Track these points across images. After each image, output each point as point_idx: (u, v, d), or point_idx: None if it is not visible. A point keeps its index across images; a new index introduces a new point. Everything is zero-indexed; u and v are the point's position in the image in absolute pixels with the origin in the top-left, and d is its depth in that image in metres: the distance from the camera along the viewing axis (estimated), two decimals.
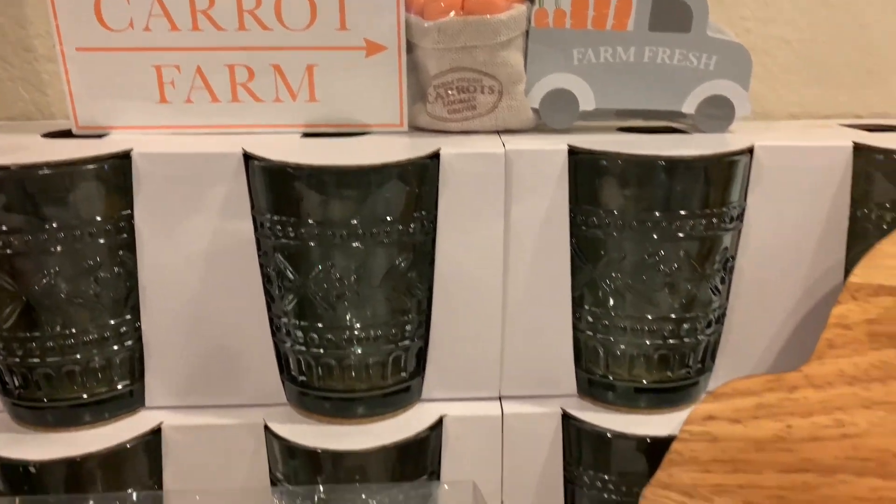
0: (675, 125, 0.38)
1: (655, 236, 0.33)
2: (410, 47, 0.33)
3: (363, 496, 0.33)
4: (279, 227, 0.32)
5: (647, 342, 0.36)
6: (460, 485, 0.32)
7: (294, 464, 0.36)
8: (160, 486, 0.35)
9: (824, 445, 0.31)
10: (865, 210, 0.35)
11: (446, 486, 0.32)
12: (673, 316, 0.35)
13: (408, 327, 0.35)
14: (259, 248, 0.33)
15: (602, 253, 0.34)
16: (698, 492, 0.31)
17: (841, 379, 0.31)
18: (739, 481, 0.31)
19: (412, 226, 0.33)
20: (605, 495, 0.37)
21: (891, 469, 0.30)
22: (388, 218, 0.32)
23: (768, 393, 0.32)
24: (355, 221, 0.32)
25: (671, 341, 0.36)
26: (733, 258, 0.36)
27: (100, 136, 0.34)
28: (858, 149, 0.34)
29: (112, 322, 0.33)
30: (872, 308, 0.31)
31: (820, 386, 0.31)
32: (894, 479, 0.30)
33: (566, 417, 0.37)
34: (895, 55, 0.45)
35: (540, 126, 0.36)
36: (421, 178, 0.32)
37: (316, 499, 0.34)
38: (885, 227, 0.35)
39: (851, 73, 0.45)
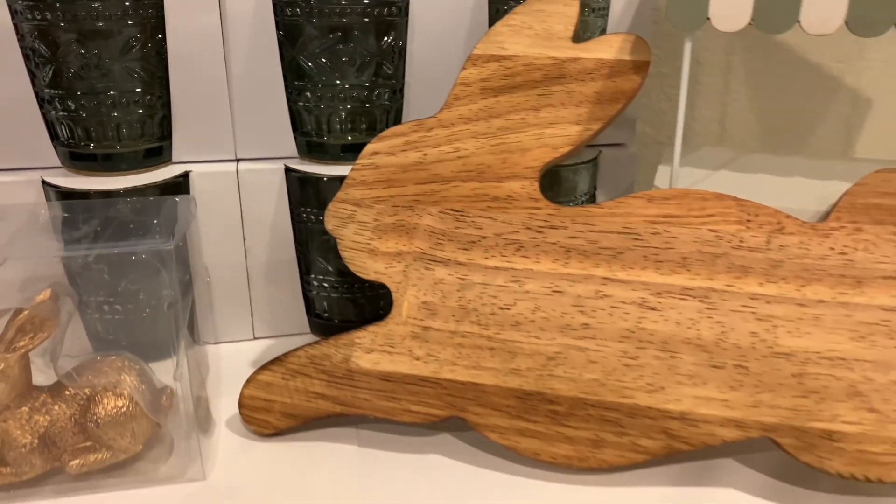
0: None
1: (345, 21, 0.45)
2: None
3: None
4: (27, 11, 0.42)
5: (348, 106, 0.48)
6: (186, 199, 0.43)
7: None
8: None
9: (446, 164, 0.43)
10: (500, 6, 0.47)
11: (177, 199, 0.43)
12: (364, 86, 0.47)
13: (148, 97, 0.46)
14: (17, 32, 0.43)
15: (300, 37, 0.46)
16: (364, 202, 0.43)
17: (460, 120, 0.43)
18: (391, 193, 0.43)
19: (147, 12, 0.44)
20: (319, 226, 0.49)
21: (486, 176, 0.42)
22: (127, 2, 0.43)
23: (413, 133, 0.44)
24: (97, 4, 0.42)
25: (366, 106, 0.48)
26: (404, 42, 0.48)
27: None
28: None
29: None
30: (485, 71, 0.43)
31: (446, 126, 0.43)
32: (486, 182, 0.42)
33: (288, 170, 0.49)
34: None
35: None
36: None
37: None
38: None
39: None
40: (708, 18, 0.38)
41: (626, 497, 0.38)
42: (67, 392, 0.37)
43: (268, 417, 0.43)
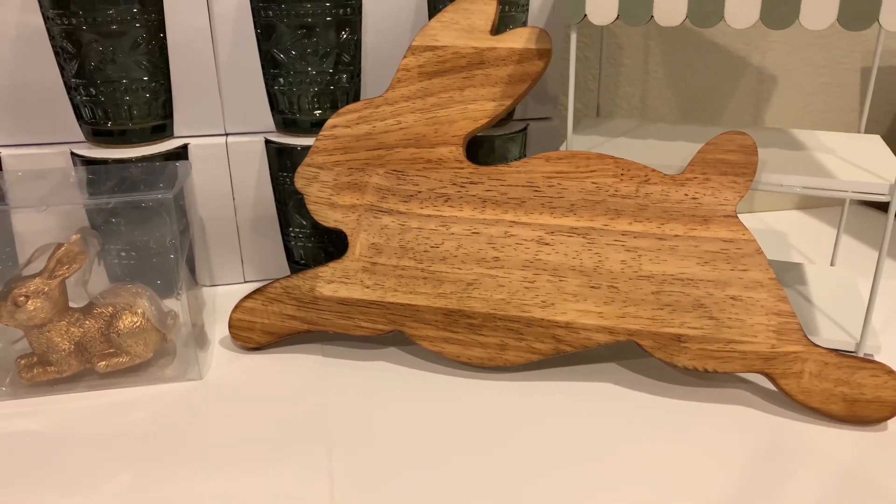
0: None
1: (310, 20, 0.56)
2: None
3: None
4: (57, 18, 0.53)
5: (314, 89, 0.59)
6: (184, 163, 0.55)
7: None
8: None
9: (390, 134, 0.54)
10: (437, 4, 0.58)
11: (177, 164, 0.54)
12: (327, 72, 0.58)
13: (153, 84, 0.57)
14: (49, 34, 0.54)
15: (273, 34, 0.57)
16: (325, 166, 0.54)
17: (402, 98, 0.54)
18: (347, 158, 0.54)
19: (150, 16, 0.55)
20: (290, 187, 0.60)
21: (421, 143, 0.53)
22: (135, 10, 0.54)
23: (364, 110, 0.54)
24: (112, 12, 0.53)
25: (330, 88, 0.59)
26: (359, 36, 0.58)
27: None
28: None
29: None
30: (422, 58, 0.54)
31: (391, 103, 0.54)
32: (422, 148, 0.53)
33: (268, 142, 0.60)
34: None
35: None
36: None
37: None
38: None
39: None
40: (585, 15, 0.48)
41: (523, 388, 0.49)
42: (96, 310, 0.49)
43: (251, 335, 0.54)
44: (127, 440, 0.44)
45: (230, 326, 0.54)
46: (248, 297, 0.54)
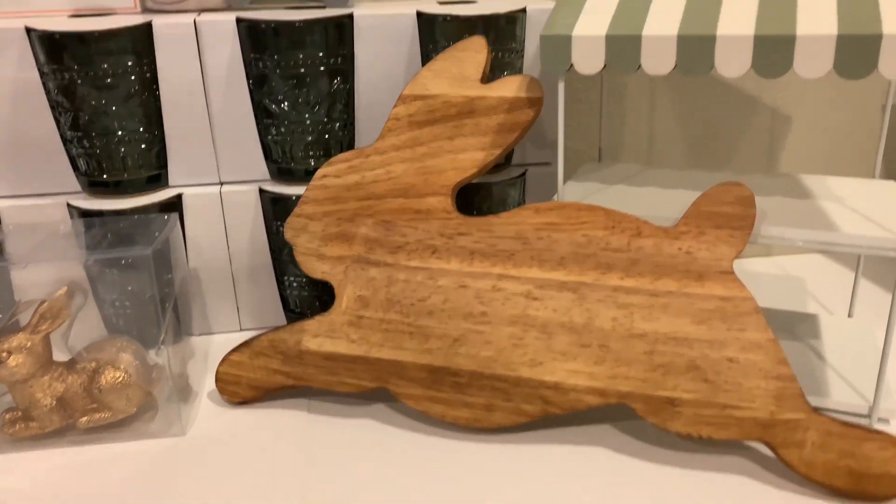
0: (310, 5, 0.59)
1: (303, 71, 0.56)
2: None
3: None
4: (52, 73, 0.54)
5: (308, 139, 0.58)
6: (173, 216, 0.54)
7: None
8: None
9: (380, 184, 0.53)
10: (430, 51, 0.57)
11: (166, 217, 0.54)
12: (321, 122, 0.58)
13: (147, 135, 0.57)
14: (45, 88, 0.55)
15: (265, 85, 0.56)
16: (315, 216, 0.54)
17: (392, 148, 0.53)
18: (336, 207, 0.53)
19: (143, 69, 0.55)
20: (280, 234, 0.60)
21: (410, 193, 0.52)
22: (129, 63, 0.54)
23: (355, 159, 0.53)
24: (106, 66, 0.54)
25: (325, 137, 0.59)
26: (351, 85, 0.58)
27: None
28: (420, 15, 0.56)
29: None
30: (412, 107, 0.53)
31: (381, 153, 0.53)
32: (411, 198, 0.52)
33: (262, 191, 0.60)
34: None
35: (228, 6, 0.58)
36: (141, 42, 0.54)
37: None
38: None
39: None
40: (572, 65, 0.46)
41: (511, 452, 0.47)
42: (79, 365, 0.49)
43: (237, 389, 0.53)
44: (105, 501, 0.44)
45: (217, 380, 0.53)
46: (235, 349, 0.53)
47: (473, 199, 0.60)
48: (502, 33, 0.57)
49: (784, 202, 0.51)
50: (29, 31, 0.53)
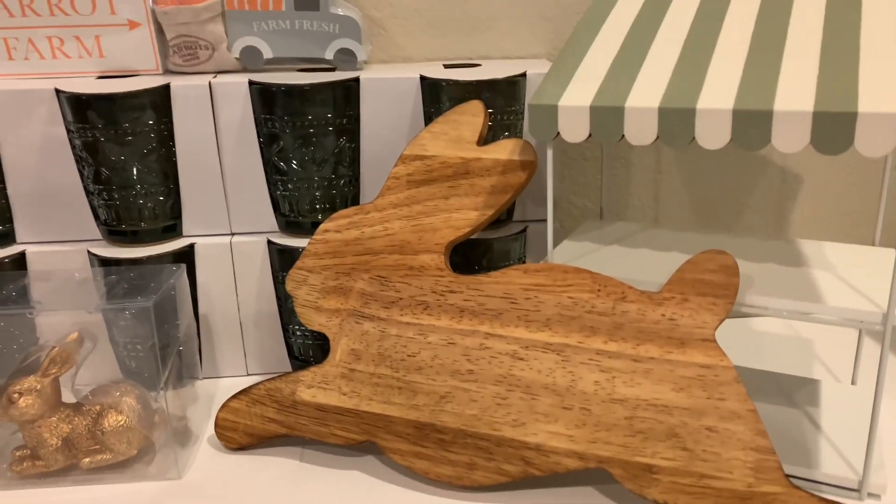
0: (320, 68, 0.62)
1: (312, 130, 0.58)
2: (158, 23, 0.59)
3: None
4: (78, 131, 0.58)
5: (315, 194, 0.61)
6: (180, 267, 0.57)
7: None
8: None
9: (377, 240, 0.54)
10: (432, 113, 0.59)
11: (174, 268, 0.57)
12: (327, 178, 0.60)
13: (163, 188, 0.60)
14: (71, 144, 0.59)
15: (275, 143, 0.59)
16: (315, 269, 0.56)
17: (390, 205, 0.55)
18: (335, 262, 0.55)
19: (161, 127, 0.58)
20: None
21: (405, 250, 0.53)
22: (149, 121, 0.58)
23: (355, 215, 0.56)
24: (127, 124, 0.58)
25: (331, 192, 0.61)
26: (357, 144, 0.60)
27: None
28: (423, 79, 0.59)
29: None
30: (411, 167, 0.55)
31: (380, 210, 0.55)
32: (406, 254, 0.53)
33: (270, 243, 0.62)
34: (487, 16, 0.68)
35: (243, 69, 0.61)
36: (160, 102, 0.58)
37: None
38: None
39: (459, 28, 0.68)
40: (558, 133, 0.48)
41: None
42: (84, 408, 0.51)
43: (234, 435, 0.55)
44: None
45: (216, 425, 0.55)
46: (234, 396, 0.55)
47: (474, 253, 0.61)
48: (503, 96, 0.59)
49: (775, 269, 0.51)
50: (58, 92, 0.57)
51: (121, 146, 0.58)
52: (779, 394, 0.57)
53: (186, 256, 0.61)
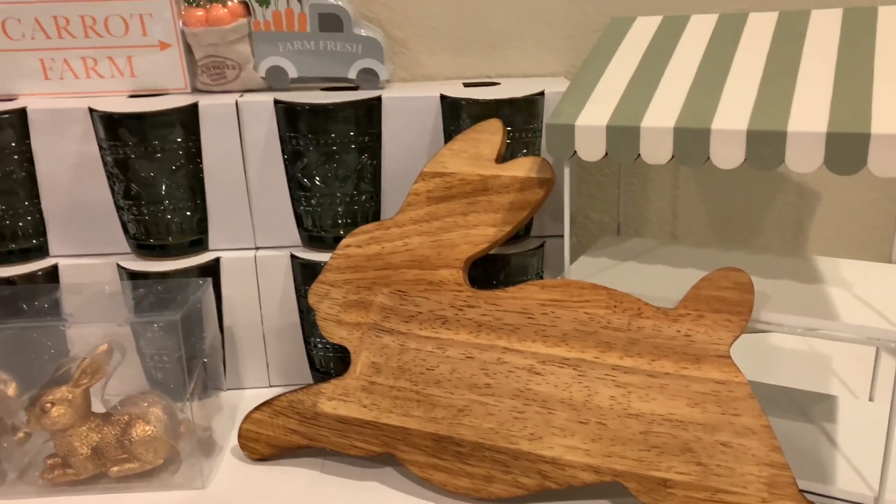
0: (343, 86, 0.64)
1: (335, 148, 0.60)
2: (187, 44, 0.61)
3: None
4: (110, 148, 0.60)
5: (338, 209, 0.62)
6: (206, 280, 0.59)
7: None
8: None
9: (397, 255, 0.56)
10: (452, 131, 0.60)
11: (200, 282, 0.59)
12: (350, 194, 0.62)
13: (190, 203, 0.62)
14: (102, 161, 0.61)
15: (299, 160, 0.61)
16: (336, 283, 0.57)
17: (410, 221, 0.56)
18: (356, 276, 0.56)
19: (189, 144, 0.60)
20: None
21: (425, 265, 0.55)
22: (178, 139, 0.60)
23: (376, 231, 0.57)
24: (156, 142, 0.59)
25: (353, 208, 0.63)
26: (378, 160, 0.61)
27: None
28: (444, 98, 0.60)
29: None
30: (431, 184, 0.56)
31: (400, 226, 0.56)
32: (425, 269, 0.55)
33: (293, 257, 0.64)
34: (506, 35, 0.69)
35: (269, 88, 0.63)
36: (188, 120, 0.59)
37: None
38: None
39: (479, 47, 0.69)
40: (575, 151, 0.49)
41: None
42: (113, 418, 0.53)
43: (256, 446, 0.56)
44: None
45: (239, 436, 0.57)
46: (257, 408, 0.57)
47: (493, 268, 0.62)
48: (521, 114, 0.60)
49: (791, 286, 0.51)
50: (91, 111, 0.59)
51: (150, 163, 0.60)
52: (795, 409, 0.58)
53: (212, 270, 0.63)
